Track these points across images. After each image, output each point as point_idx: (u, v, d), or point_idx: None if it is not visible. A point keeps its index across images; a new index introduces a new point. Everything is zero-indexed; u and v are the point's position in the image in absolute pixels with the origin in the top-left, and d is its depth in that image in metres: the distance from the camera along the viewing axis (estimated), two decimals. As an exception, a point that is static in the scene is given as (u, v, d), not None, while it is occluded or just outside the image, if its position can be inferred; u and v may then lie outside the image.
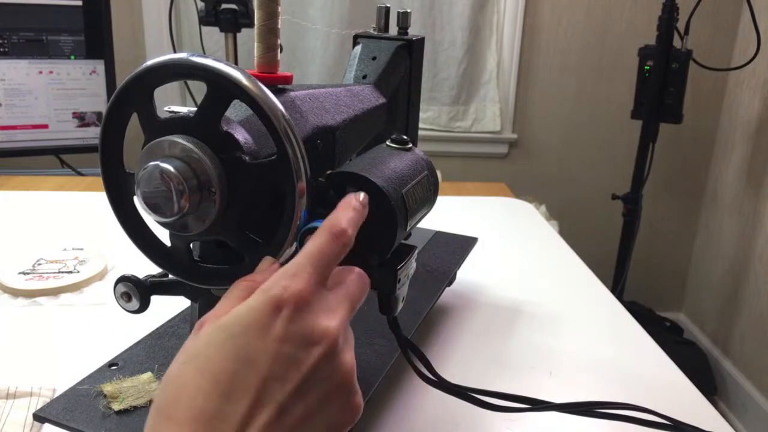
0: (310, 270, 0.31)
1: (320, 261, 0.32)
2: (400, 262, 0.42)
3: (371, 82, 0.59)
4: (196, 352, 0.29)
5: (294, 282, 0.30)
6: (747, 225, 1.95)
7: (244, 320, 0.29)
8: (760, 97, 1.92)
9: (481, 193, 1.24)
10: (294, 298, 0.30)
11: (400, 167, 0.45)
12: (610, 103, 2.12)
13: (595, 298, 0.78)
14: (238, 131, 0.37)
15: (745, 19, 2.01)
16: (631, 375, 0.60)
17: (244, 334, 0.28)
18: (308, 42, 2.04)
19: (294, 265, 0.32)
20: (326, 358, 0.30)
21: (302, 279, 0.31)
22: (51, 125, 1.33)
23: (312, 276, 0.31)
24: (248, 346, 0.28)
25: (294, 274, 0.31)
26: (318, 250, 0.33)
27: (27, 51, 1.27)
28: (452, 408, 0.52)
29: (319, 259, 0.32)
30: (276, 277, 0.31)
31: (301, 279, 0.31)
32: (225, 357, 0.28)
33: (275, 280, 0.31)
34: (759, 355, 1.87)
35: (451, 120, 2.13)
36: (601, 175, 2.18)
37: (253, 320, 0.29)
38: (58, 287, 0.70)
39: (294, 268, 0.32)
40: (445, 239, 0.77)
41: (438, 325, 0.67)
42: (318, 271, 0.32)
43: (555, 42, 2.08)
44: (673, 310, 2.34)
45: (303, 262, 0.32)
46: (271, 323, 0.29)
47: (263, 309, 0.29)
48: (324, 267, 0.32)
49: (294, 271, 0.31)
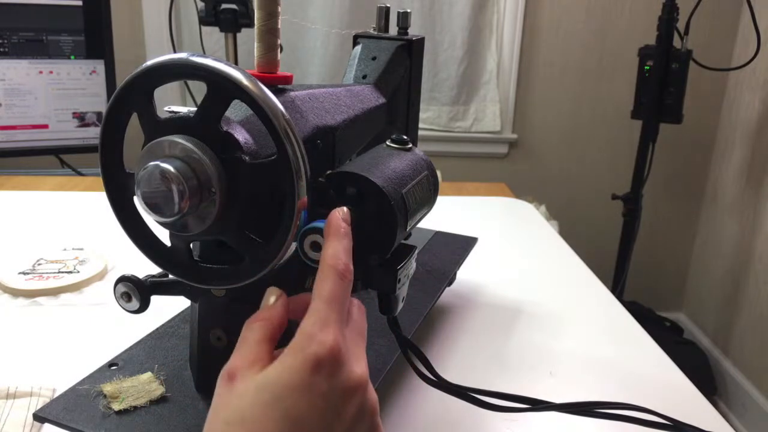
0: (335, 317, 0.32)
1: (339, 305, 0.33)
2: (400, 262, 0.42)
3: (371, 82, 0.59)
4: (241, 414, 0.29)
5: (326, 335, 0.31)
6: (747, 225, 1.95)
7: (287, 381, 0.30)
8: (760, 97, 1.92)
9: (481, 193, 1.24)
10: (331, 353, 0.31)
11: (400, 167, 0.45)
12: (610, 103, 2.12)
13: (595, 298, 0.78)
14: (238, 131, 0.37)
15: (745, 19, 2.01)
16: (631, 375, 0.60)
17: (290, 396, 0.29)
18: (308, 42, 2.04)
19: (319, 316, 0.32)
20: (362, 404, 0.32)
21: (332, 330, 0.32)
22: (51, 125, 1.33)
23: (338, 324, 0.32)
24: (296, 408, 0.29)
25: (323, 325, 0.32)
26: (333, 295, 0.33)
27: (27, 51, 1.27)
28: (452, 408, 0.52)
29: (338, 303, 0.33)
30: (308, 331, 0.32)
31: (331, 330, 0.32)
32: (275, 418, 0.29)
33: (309, 336, 0.31)
34: (759, 355, 1.87)
35: (451, 120, 2.13)
36: (601, 175, 2.18)
37: (297, 381, 0.30)
38: (58, 287, 0.70)
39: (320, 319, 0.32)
40: (445, 239, 0.77)
41: (438, 325, 0.67)
42: (340, 317, 0.33)
43: (555, 42, 2.08)
44: (673, 310, 2.34)
45: (325, 309, 0.33)
46: (315, 381, 0.30)
47: (306, 368, 0.30)
48: (342, 310, 0.34)
49: (322, 323, 0.32)
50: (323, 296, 0.33)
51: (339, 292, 0.34)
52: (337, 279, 0.34)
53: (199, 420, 0.43)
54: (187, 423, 0.43)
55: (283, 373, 0.30)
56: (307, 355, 0.30)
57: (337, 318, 0.33)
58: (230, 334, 0.44)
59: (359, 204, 0.41)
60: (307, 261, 0.38)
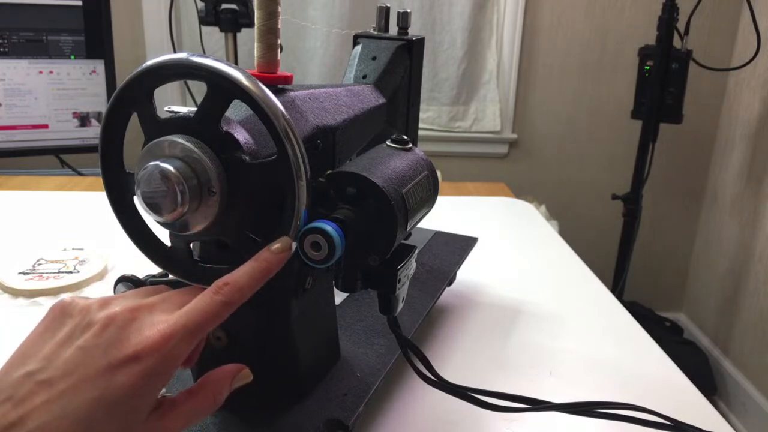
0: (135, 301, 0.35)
1: (170, 303, 0.35)
2: (400, 262, 0.42)
3: (371, 82, 0.59)
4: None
5: (89, 301, 0.35)
6: (747, 225, 1.95)
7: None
8: (760, 97, 1.92)
9: (481, 193, 1.24)
10: (63, 304, 0.35)
11: (400, 167, 0.45)
12: (610, 103, 2.12)
13: (595, 298, 0.78)
14: (238, 131, 0.37)
15: (745, 19, 2.01)
16: (631, 375, 0.60)
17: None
18: (308, 42, 2.04)
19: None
20: (80, 322, 0.33)
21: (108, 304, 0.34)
22: (51, 125, 1.33)
23: (126, 303, 0.34)
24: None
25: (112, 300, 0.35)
26: (178, 300, 0.35)
27: (27, 51, 1.27)
28: (452, 408, 0.52)
29: (173, 303, 0.35)
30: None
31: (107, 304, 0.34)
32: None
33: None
34: (759, 355, 1.87)
35: (451, 120, 2.13)
36: (601, 175, 2.18)
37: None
38: (58, 287, 0.70)
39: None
40: (445, 239, 0.77)
41: (438, 325, 0.67)
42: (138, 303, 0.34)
43: (555, 42, 2.08)
44: (673, 310, 2.34)
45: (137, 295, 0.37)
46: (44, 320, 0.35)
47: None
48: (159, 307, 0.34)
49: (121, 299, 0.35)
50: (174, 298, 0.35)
51: (199, 304, 0.33)
52: (205, 296, 0.34)
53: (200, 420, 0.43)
54: (187, 423, 0.43)
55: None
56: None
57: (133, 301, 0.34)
58: (230, 334, 0.44)
59: (359, 204, 0.41)
60: (307, 261, 0.38)
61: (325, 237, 0.37)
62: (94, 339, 0.31)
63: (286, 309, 0.43)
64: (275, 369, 0.45)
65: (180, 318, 0.32)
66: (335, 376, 0.48)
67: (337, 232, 0.37)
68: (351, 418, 0.44)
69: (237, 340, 0.44)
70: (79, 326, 0.32)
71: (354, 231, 0.39)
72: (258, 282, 0.35)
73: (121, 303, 0.33)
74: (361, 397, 0.46)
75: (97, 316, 0.32)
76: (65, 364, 0.30)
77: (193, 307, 0.33)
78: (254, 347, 0.45)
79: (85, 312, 0.33)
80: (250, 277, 0.35)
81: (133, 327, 0.32)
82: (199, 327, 0.33)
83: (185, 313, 0.33)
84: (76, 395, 0.29)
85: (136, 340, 0.31)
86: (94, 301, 0.34)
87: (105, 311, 0.32)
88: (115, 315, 0.32)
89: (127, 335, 0.31)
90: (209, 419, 0.44)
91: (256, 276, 0.35)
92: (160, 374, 0.31)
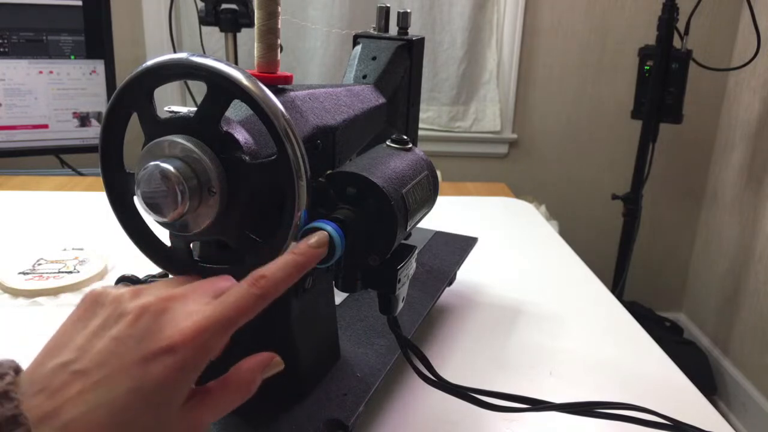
0: (169, 291, 0.34)
1: (200, 292, 0.34)
2: (400, 262, 0.42)
3: (371, 82, 0.59)
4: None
5: (120, 290, 0.34)
6: (747, 225, 1.95)
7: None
8: (760, 97, 1.92)
9: (481, 193, 1.24)
10: (94, 294, 0.34)
11: (400, 167, 0.45)
12: (610, 103, 2.12)
13: (595, 298, 0.78)
14: (238, 131, 0.37)
15: (745, 19, 2.01)
16: (631, 375, 0.60)
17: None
18: (308, 42, 2.04)
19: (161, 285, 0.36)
20: (112, 313, 0.32)
21: (139, 293, 0.34)
22: (51, 125, 1.33)
23: (159, 293, 0.33)
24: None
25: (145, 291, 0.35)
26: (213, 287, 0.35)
27: (27, 51, 1.27)
28: (452, 408, 0.52)
29: (203, 291, 0.34)
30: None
31: (139, 294, 0.34)
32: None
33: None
34: (759, 355, 1.87)
35: (451, 120, 2.13)
36: (601, 175, 2.18)
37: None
38: (58, 287, 0.70)
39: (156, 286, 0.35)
40: (445, 239, 0.77)
41: (438, 325, 0.67)
42: (175, 294, 0.34)
43: (555, 42, 2.08)
44: (673, 310, 2.34)
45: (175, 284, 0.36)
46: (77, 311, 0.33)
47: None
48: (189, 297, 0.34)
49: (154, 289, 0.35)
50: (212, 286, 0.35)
51: (235, 295, 0.33)
52: (240, 288, 0.33)
53: (199, 420, 0.43)
54: (187, 423, 0.43)
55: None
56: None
57: (166, 291, 0.33)
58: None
59: (359, 204, 0.41)
60: (307, 261, 0.38)
61: (325, 237, 0.37)
62: (128, 329, 0.31)
63: (286, 309, 0.43)
64: (275, 369, 0.45)
65: (215, 310, 0.32)
66: (335, 376, 0.48)
67: (337, 232, 0.37)
68: (351, 418, 0.44)
69: (237, 340, 0.44)
70: (111, 316, 0.32)
71: (354, 231, 0.39)
72: (293, 277, 0.34)
73: (153, 293, 0.33)
74: (361, 397, 0.46)
75: (129, 306, 0.32)
76: (99, 354, 0.30)
77: (228, 300, 0.32)
78: (254, 347, 0.45)
79: (117, 302, 0.32)
80: (286, 271, 0.34)
81: (166, 318, 0.31)
82: (234, 320, 0.32)
83: (220, 306, 0.32)
84: (110, 386, 0.29)
85: (170, 331, 0.31)
86: (126, 290, 0.33)
87: (138, 301, 0.32)
88: (148, 305, 0.32)
89: (161, 326, 0.31)
90: (209, 419, 0.44)
91: (292, 271, 0.34)
92: (194, 366, 0.31)
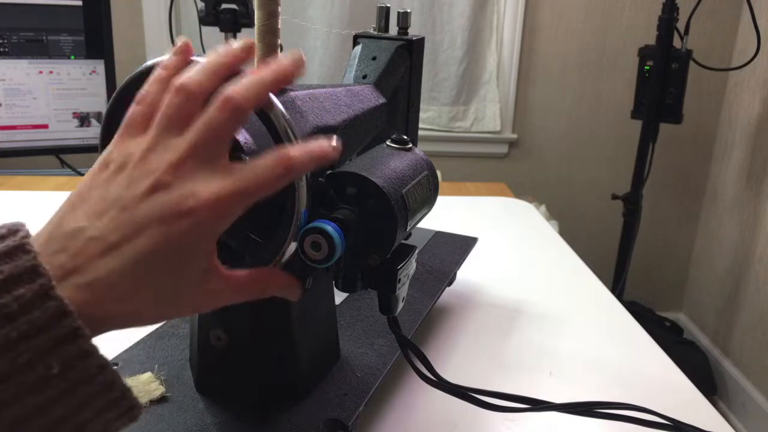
0: (159, 131, 0.32)
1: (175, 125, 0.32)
2: (400, 262, 0.42)
3: (371, 82, 0.59)
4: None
5: (131, 144, 0.33)
6: (747, 225, 1.95)
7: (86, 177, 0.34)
8: (760, 97, 1.92)
9: (481, 193, 1.24)
10: (120, 157, 0.33)
11: (400, 167, 0.45)
12: (610, 103, 2.12)
13: (595, 298, 0.78)
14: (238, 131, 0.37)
15: (745, 19, 2.01)
16: (631, 375, 0.60)
17: (83, 182, 0.34)
18: (308, 42, 2.04)
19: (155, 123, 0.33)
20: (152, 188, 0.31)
21: (144, 139, 0.33)
22: (51, 125, 1.33)
23: (157, 135, 0.32)
24: (81, 187, 0.33)
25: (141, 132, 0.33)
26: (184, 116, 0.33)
27: (27, 51, 1.27)
28: (452, 408, 0.52)
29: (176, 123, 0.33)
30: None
31: (143, 139, 0.33)
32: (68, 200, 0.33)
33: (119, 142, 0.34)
34: (759, 355, 1.87)
35: (451, 120, 2.13)
36: (601, 175, 2.18)
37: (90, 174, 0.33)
38: (58, 287, 0.70)
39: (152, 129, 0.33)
40: (445, 239, 0.77)
41: (438, 325, 0.67)
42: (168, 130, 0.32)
43: (555, 42, 2.08)
44: (673, 310, 2.34)
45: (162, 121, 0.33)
46: (101, 174, 0.33)
47: (96, 166, 0.34)
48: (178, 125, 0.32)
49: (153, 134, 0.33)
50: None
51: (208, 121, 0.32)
52: (266, 164, 0.32)
53: (200, 420, 0.43)
54: (187, 423, 0.43)
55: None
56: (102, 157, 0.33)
57: (163, 132, 0.32)
58: (230, 334, 0.44)
59: (359, 204, 0.41)
60: (307, 261, 0.38)
61: (325, 237, 0.37)
62: (143, 196, 0.30)
63: (286, 309, 0.43)
64: (275, 369, 0.45)
65: (234, 183, 0.31)
66: (335, 376, 0.48)
67: (337, 232, 0.37)
68: (351, 418, 0.44)
69: (237, 340, 0.44)
70: (131, 178, 0.31)
71: (354, 231, 0.39)
72: (315, 163, 0.34)
73: (160, 159, 0.31)
74: (361, 397, 0.46)
75: (142, 176, 0.31)
76: (113, 221, 0.30)
77: (248, 175, 0.32)
78: (254, 347, 0.45)
79: (132, 163, 0.32)
80: (312, 158, 0.34)
81: (183, 186, 0.31)
82: (253, 195, 0.32)
83: (240, 180, 0.32)
84: (130, 248, 0.29)
85: (190, 201, 0.30)
86: (134, 155, 0.32)
87: (148, 170, 0.31)
88: (160, 179, 0.31)
89: (178, 195, 0.30)
90: (209, 419, 0.44)
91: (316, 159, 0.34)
92: (211, 230, 0.31)
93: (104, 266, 0.29)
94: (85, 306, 0.28)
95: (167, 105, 0.32)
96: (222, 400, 0.45)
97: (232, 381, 0.46)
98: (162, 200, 0.30)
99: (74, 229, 0.30)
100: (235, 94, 0.32)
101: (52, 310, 0.26)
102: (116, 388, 0.28)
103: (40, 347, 0.26)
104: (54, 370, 0.26)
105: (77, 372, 0.27)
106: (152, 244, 0.30)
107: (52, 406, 0.27)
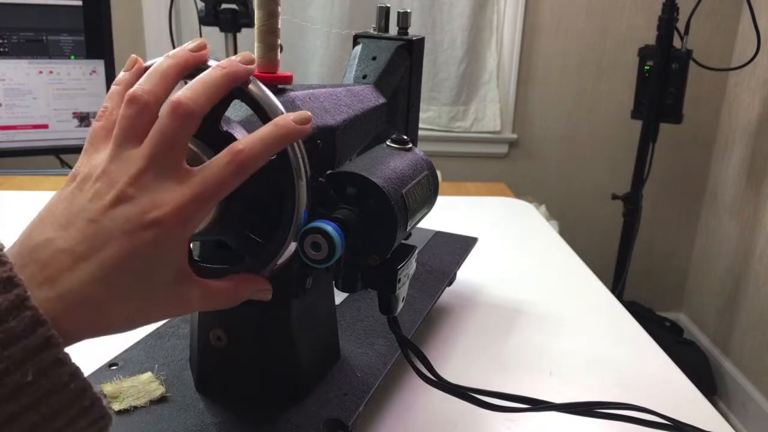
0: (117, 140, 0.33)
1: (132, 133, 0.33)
2: (400, 262, 0.42)
3: (371, 82, 0.59)
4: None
5: (92, 159, 0.34)
6: (747, 225, 1.95)
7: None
8: (760, 97, 1.92)
9: (481, 193, 1.24)
10: (84, 171, 0.33)
11: (400, 167, 0.45)
12: (610, 103, 2.12)
13: (595, 298, 0.78)
14: (238, 131, 0.37)
15: (745, 19, 2.01)
16: (631, 375, 0.60)
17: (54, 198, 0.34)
18: (308, 42, 2.04)
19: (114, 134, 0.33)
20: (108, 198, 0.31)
21: (101, 155, 0.33)
22: (51, 125, 1.33)
23: (114, 147, 0.33)
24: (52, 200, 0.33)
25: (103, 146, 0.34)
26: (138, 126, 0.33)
27: (27, 51, 1.27)
28: (452, 408, 0.52)
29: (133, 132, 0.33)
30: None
31: (101, 155, 0.33)
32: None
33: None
34: (759, 355, 1.87)
35: (451, 120, 2.13)
36: (601, 175, 2.18)
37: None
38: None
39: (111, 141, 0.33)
40: (445, 239, 0.77)
41: (438, 325, 0.67)
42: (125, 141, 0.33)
43: (555, 42, 2.08)
44: (673, 310, 2.34)
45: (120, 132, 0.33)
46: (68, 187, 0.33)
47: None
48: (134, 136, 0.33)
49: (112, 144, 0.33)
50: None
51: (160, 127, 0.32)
52: (221, 161, 0.33)
53: (200, 420, 0.43)
54: (187, 423, 0.43)
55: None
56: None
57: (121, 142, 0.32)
58: (230, 334, 0.44)
59: (359, 204, 0.41)
60: (307, 261, 0.38)
61: (325, 237, 0.37)
62: (108, 209, 0.31)
63: (286, 309, 0.43)
64: (275, 369, 0.45)
65: (193, 188, 0.32)
66: (335, 376, 0.48)
67: (337, 232, 0.37)
68: (351, 418, 0.44)
69: (237, 340, 0.44)
70: (95, 190, 0.31)
71: (354, 231, 0.39)
72: (272, 150, 0.34)
73: (121, 172, 0.32)
74: (361, 397, 0.46)
75: (105, 188, 0.31)
76: (80, 233, 0.30)
77: (206, 175, 0.32)
78: (254, 347, 0.45)
79: (95, 175, 0.32)
80: (264, 143, 0.34)
81: (146, 197, 0.31)
82: (213, 196, 0.33)
83: (199, 183, 0.32)
84: (99, 258, 0.30)
85: (154, 212, 0.31)
86: (98, 167, 0.32)
87: (110, 181, 0.32)
88: (123, 191, 0.31)
89: (143, 206, 0.31)
90: (209, 419, 0.44)
91: (271, 143, 0.34)
92: (176, 238, 0.32)
93: (74, 278, 0.29)
94: (56, 318, 0.28)
95: (121, 117, 0.33)
96: (222, 400, 0.45)
97: (232, 381, 0.46)
98: (126, 212, 0.31)
99: (43, 241, 0.30)
100: (184, 99, 0.32)
101: (28, 320, 0.27)
102: (87, 396, 0.29)
103: (17, 356, 0.26)
104: (28, 377, 0.27)
105: (50, 380, 0.27)
106: (120, 255, 0.30)
107: (26, 414, 0.27)
